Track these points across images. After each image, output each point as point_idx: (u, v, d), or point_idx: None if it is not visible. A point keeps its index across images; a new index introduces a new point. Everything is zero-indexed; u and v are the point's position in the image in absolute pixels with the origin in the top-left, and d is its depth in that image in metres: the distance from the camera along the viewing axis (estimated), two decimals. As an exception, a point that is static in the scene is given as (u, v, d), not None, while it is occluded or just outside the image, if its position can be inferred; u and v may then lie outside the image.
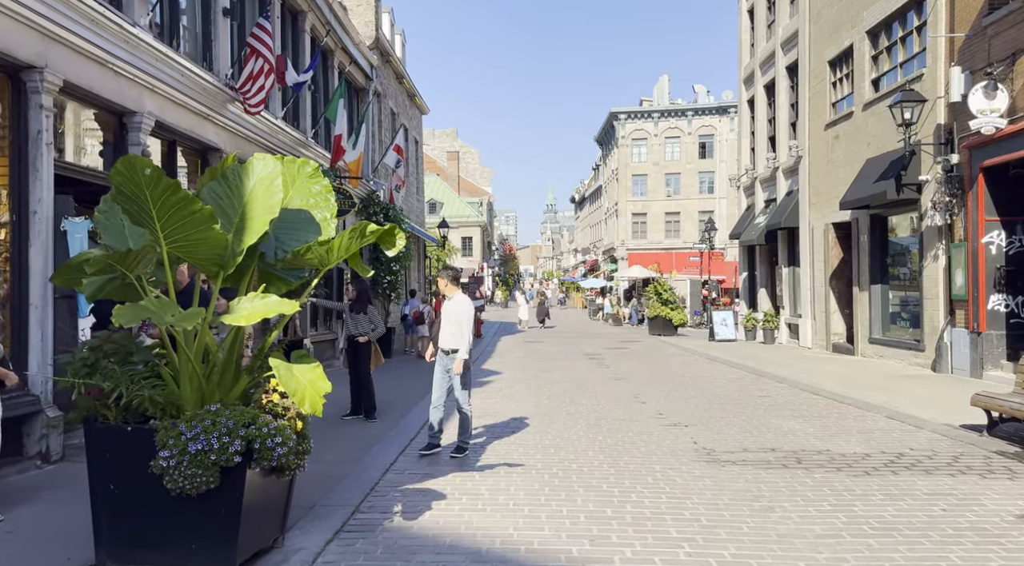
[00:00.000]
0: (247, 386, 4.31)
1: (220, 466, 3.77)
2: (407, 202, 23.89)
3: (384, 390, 11.28)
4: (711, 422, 9.18)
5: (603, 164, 67.39)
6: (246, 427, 3.85)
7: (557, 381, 13.48)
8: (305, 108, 13.52)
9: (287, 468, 4.10)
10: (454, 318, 7.21)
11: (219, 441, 3.74)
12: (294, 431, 4.17)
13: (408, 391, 11.84)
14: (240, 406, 4.02)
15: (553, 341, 24.59)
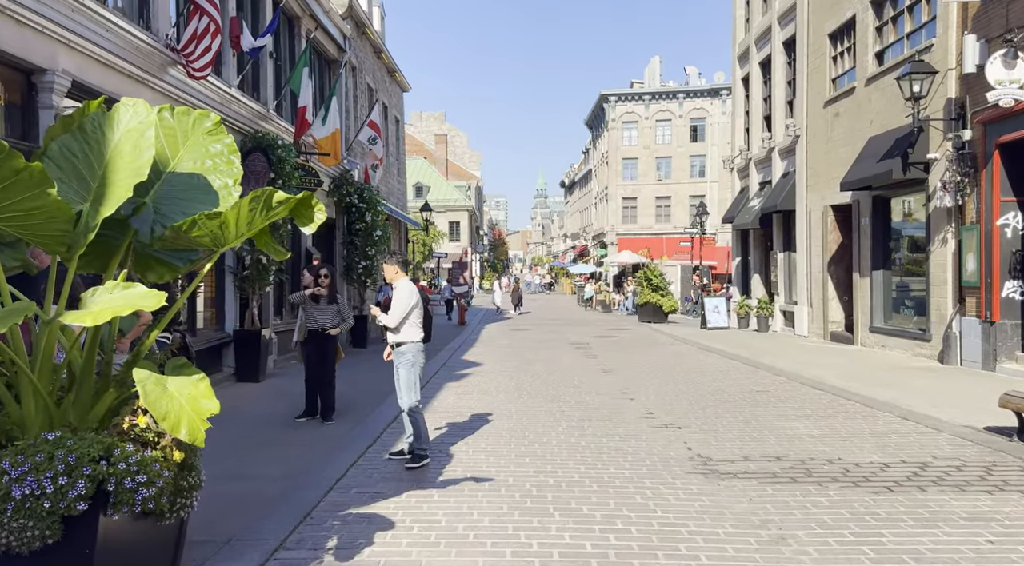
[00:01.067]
0: (113, 404, 3.32)
1: (60, 515, 2.80)
2: (387, 183, 22.82)
3: (350, 385, 10.33)
4: (706, 422, 8.27)
5: (593, 148, 66.30)
6: (94, 463, 2.86)
7: (540, 374, 12.55)
8: (266, 77, 12.43)
9: (162, 512, 3.12)
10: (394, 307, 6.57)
11: (54, 483, 2.76)
12: (170, 464, 3.18)
13: (376, 386, 10.87)
14: (91, 434, 3.03)
15: (539, 329, 23.67)
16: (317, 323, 8.16)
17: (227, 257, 10.85)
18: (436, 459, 6.61)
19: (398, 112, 25.21)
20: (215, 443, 7.38)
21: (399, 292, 6.55)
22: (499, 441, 7.33)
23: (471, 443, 7.25)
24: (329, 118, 14.13)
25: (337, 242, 16.93)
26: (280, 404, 9.34)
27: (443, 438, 7.48)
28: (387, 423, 8.06)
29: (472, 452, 6.87)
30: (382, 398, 9.53)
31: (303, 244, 14.30)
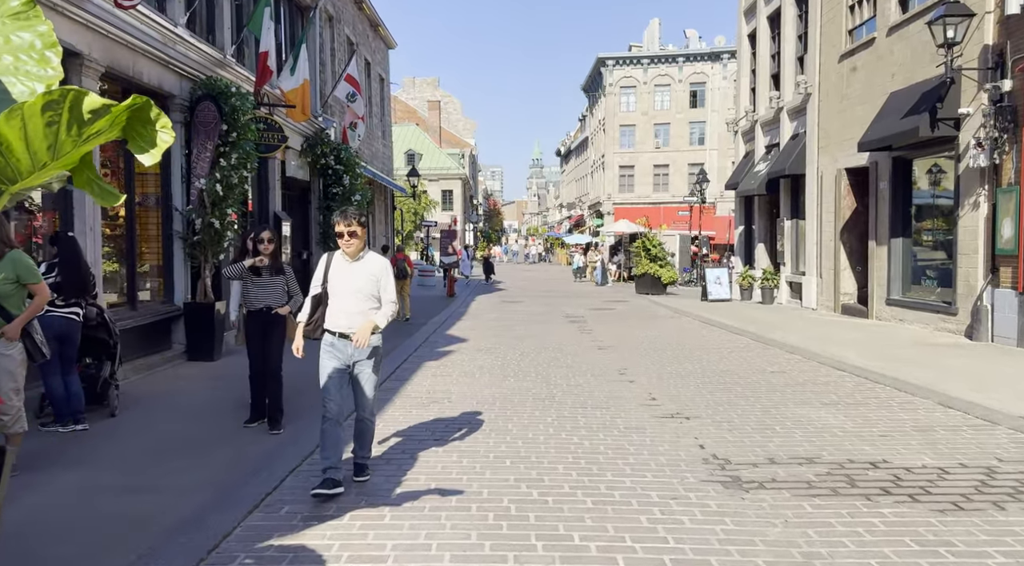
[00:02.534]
0: None
1: None
2: (370, 146, 21.45)
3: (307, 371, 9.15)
4: (718, 411, 7.14)
5: (590, 114, 64.58)
6: None
7: (530, 352, 11.40)
8: (223, 19, 11.05)
9: None
10: (362, 286, 4.75)
11: None
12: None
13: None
14: None
15: (532, 301, 22.51)
16: (259, 302, 6.40)
17: (175, 220, 9.61)
18: (398, 462, 5.46)
19: (383, 70, 23.72)
20: (133, 441, 6.05)
21: (385, 272, 4.85)
22: (476, 436, 6.18)
23: (442, 440, 6.10)
24: (298, 68, 12.75)
25: (312, 207, 15.66)
26: (229, 389, 8.17)
27: (410, 433, 6.33)
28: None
29: (442, 452, 5.72)
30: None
31: (270, 207, 13.03)
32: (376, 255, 4.98)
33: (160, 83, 9.05)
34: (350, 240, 4.70)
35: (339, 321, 4.78)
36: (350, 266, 4.79)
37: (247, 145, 9.83)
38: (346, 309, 4.76)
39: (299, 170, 14.78)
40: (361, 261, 4.81)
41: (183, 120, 9.62)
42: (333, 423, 4.76)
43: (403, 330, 14.31)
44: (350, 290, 4.74)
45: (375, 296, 4.80)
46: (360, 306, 4.75)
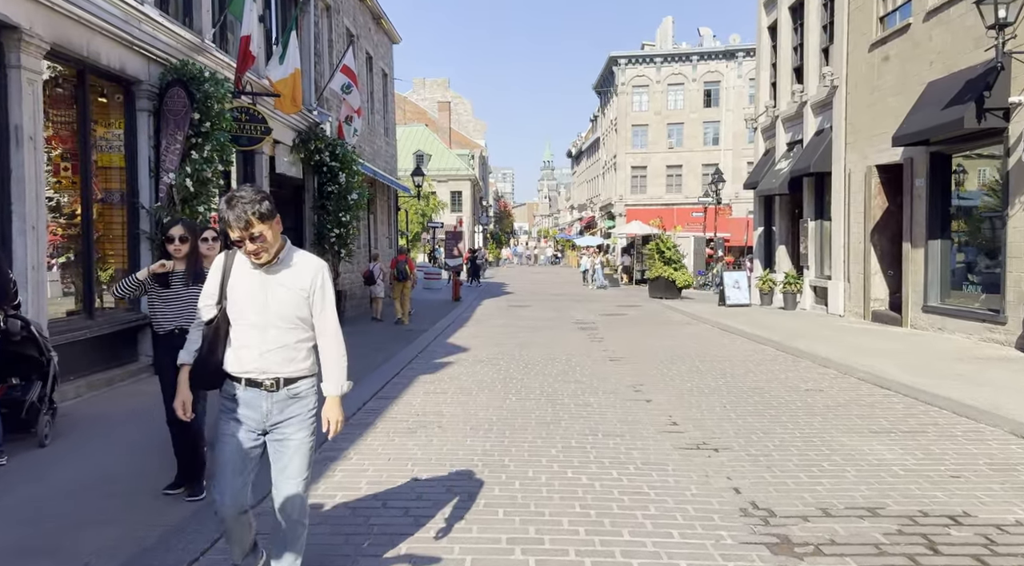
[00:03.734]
0: None
1: None
2: (372, 143, 20.53)
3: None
4: (751, 441, 6.11)
5: (601, 114, 63.52)
6: None
7: (536, 363, 10.40)
8: (200, 0, 10.11)
9: None
10: (283, 307, 3.00)
11: None
12: None
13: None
14: None
15: (541, 306, 21.50)
16: (168, 322, 4.68)
17: (142, 219, 8.68)
18: (366, 511, 4.47)
19: (386, 65, 22.80)
20: (54, 481, 4.77)
21: (322, 284, 3.10)
22: (465, 475, 5.18)
23: (424, 479, 5.11)
24: (288, 57, 11.84)
25: (306, 206, 14.73)
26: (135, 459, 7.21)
27: (387, 470, 5.34)
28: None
29: (419, 499, 4.72)
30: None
31: (257, 207, 12.07)
32: (307, 256, 3.12)
33: (123, 66, 8.13)
34: (254, 247, 2.88)
35: (246, 362, 3.00)
36: (262, 276, 2.99)
37: (221, 136, 8.90)
38: (256, 344, 2.98)
39: (291, 167, 13.86)
40: (281, 269, 2.99)
41: (151, 108, 8.70)
42: (234, 520, 3.10)
43: (401, 337, 13.35)
44: (263, 312, 2.97)
45: (305, 322, 3.03)
46: (280, 338, 2.98)
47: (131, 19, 8.04)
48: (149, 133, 8.75)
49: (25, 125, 6.45)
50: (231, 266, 3.08)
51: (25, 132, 6.45)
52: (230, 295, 3.03)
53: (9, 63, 6.34)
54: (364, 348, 11.82)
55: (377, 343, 12.50)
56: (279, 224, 2.98)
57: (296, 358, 3.03)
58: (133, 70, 8.35)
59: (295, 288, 3.00)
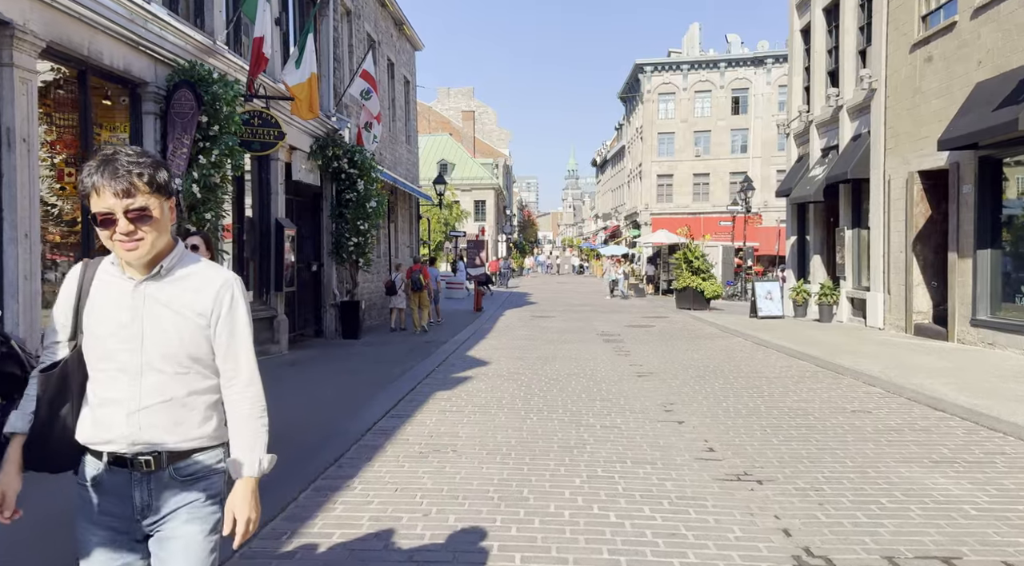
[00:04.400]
0: None
1: None
2: (393, 151, 20.18)
3: (273, 408, 7.81)
4: (798, 471, 5.51)
5: (627, 122, 62.89)
6: None
7: (559, 378, 9.85)
8: (212, 2, 9.78)
9: None
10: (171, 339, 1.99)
11: None
12: None
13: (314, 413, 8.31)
14: None
15: (565, 316, 20.93)
16: None
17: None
18: (368, 555, 3.96)
19: (408, 72, 22.49)
20: (26, 519, 4.46)
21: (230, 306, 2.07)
22: (478, 511, 4.65)
23: (431, 517, 4.59)
24: (304, 61, 11.47)
25: (324, 214, 14.36)
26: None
27: (392, 502, 4.83)
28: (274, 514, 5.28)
29: (426, 540, 4.20)
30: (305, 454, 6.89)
31: (272, 214, 11.74)
32: (209, 267, 2.12)
33: (127, 67, 7.78)
34: (128, 231, 1.90)
35: (110, 427, 1.99)
36: (137, 294, 2.00)
37: (230, 140, 8.51)
38: (126, 398, 1.98)
39: (309, 174, 13.51)
40: (167, 284, 2.02)
41: (158, 111, 8.35)
42: None
43: (419, 349, 12.88)
44: (136, 350, 1.98)
45: (202, 365, 2.05)
46: (167, 389, 1.99)
47: (136, 18, 7.69)
48: (156, 137, 8.40)
49: (18, 127, 6.09)
50: (90, 281, 2.05)
51: (18, 134, 6.09)
52: (86, 324, 2.02)
53: (1, 61, 5.99)
54: (380, 362, 11.36)
55: (395, 356, 12.04)
56: (173, 212, 2.00)
57: (188, 420, 2.01)
58: (139, 71, 8.00)
59: (188, 313, 2.00)
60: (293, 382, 9.35)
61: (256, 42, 9.82)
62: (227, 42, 10.49)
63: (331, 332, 14.40)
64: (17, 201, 6.12)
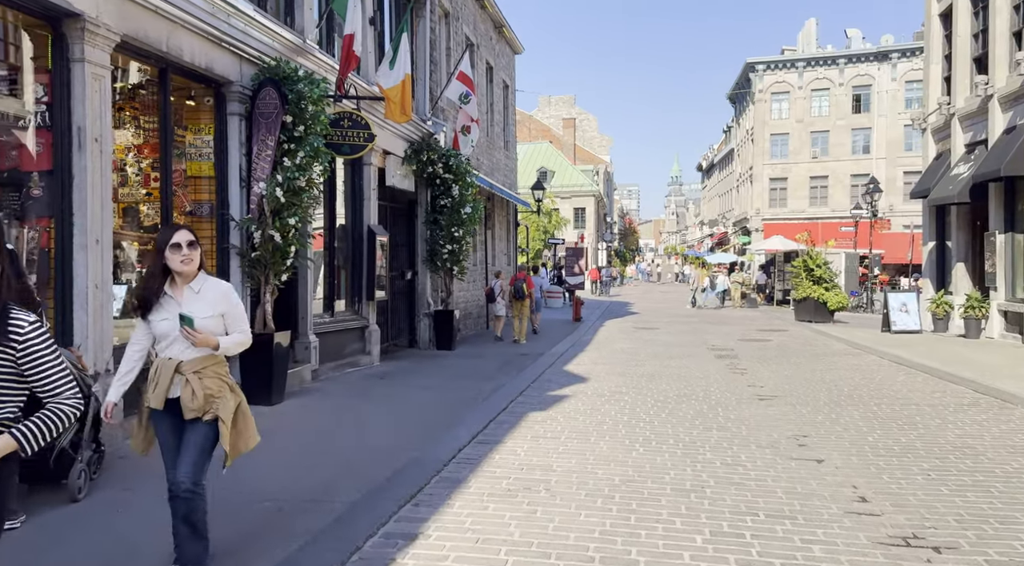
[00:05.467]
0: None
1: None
2: (491, 156, 19.63)
3: (358, 435, 7.18)
4: (985, 535, 4.30)
5: (736, 125, 60.23)
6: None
7: (668, 401, 8.79)
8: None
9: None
10: None
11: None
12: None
13: (401, 438, 7.62)
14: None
15: (671, 328, 19.65)
16: None
17: (231, 233, 7.94)
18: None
19: (508, 76, 21.93)
20: (67, 554, 3.70)
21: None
22: (575, 577, 3.75)
23: (521, 578, 3.73)
24: (398, 62, 10.99)
25: (419, 221, 13.89)
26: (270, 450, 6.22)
27: (469, 557, 4.00)
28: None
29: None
30: (379, 489, 6.17)
31: (364, 220, 11.31)
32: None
33: (210, 65, 7.44)
34: None
35: None
36: None
37: (315, 141, 8.04)
38: None
39: (404, 180, 13.06)
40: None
41: (243, 112, 7.99)
42: None
43: (513, 363, 12.11)
44: None
45: None
46: None
47: (218, 12, 7.33)
48: (241, 139, 8.04)
49: (89, 126, 5.76)
50: None
51: (89, 133, 5.76)
52: None
53: (72, 56, 5.67)
54: (472, 376, 10.66)
55: (487, 370, 11.31)
56: None
57: None
58: (222, 69, 7.66)
59: None
60: (378, 398, 8.76)
61: (346, 40, 9.37)
62: (319, 42, 10.13)
63: (425, 342, 13.88)
64: (88, 205, 5.77)
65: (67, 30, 5.65)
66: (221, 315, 3.56)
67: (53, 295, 5.73)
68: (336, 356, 10.54)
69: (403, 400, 8.71)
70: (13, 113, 5.72)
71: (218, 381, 3.56)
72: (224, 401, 3.56)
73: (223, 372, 3.63)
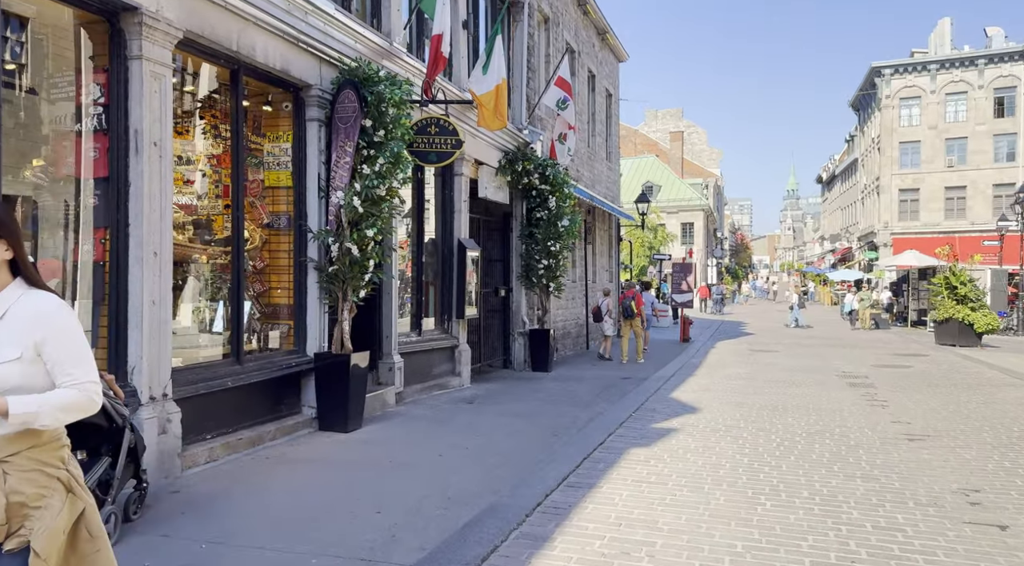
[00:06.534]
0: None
1: None
2: (591, 168, 18.71)
3: (429, 477, 6.39)
4: None
5: (860, 133, 56.37)
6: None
7: (796, 438, 7.52)
8: (390, 1, 8.92)
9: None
10: None
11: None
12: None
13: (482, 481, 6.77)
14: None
15: (790, 351, 17.92)
16: None
17: (309, 246, 7.43)
18: None
19: (611, 84, 20.98)
20: None
21: None
22: None
23: None
24: (491, 66, 10.33)
25: (513, 235, 13.14)
26: (342, 486, 5.53)
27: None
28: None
29: None
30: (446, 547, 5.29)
31: (455, 233, 10.66)
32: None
33: (286, 67, 6.97)
34: None
35: None
36: None
37: (396, 146, 7.43)
38: None
39: (497, 192, 12.36)
40: None
41: (323, 118, 7.50)
42: None
43: (614, 388, 11.06)
44: None
45: None
46: None
47: (294, 10, 6.86)
48: (320, 147, 7.54)
49: (147, 129, 5.33)
50: None
51: (147, 137, 5.33)
52: None
53: (129, 53, 5.27)
54: (567, 402, 9.72)
55: (584, 395, 10.34)
56: None
57: None
58: (299, 72, 7.19)
59: None
60: (461, 427, 7.98)
61: (434, 40, 8.78)
62: (408, 46, 9.61)
63: (519, 363, 13.05)
64: (144, 214, 5.33)
65: (124, 25, 5.26)
66: (37, 353, 2.08)
67: (107, 312, 5.30)
68: (423, 377, 9.89)
69: (489, 429, 7.88)
70: (69, 116, 5.38)
71: (40, 478, 2.10)
72: (45, 514, 2.08)
73: (52, 459, 2.15)
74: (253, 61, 6.56)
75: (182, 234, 6.38)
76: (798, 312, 28.48)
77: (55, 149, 5.40)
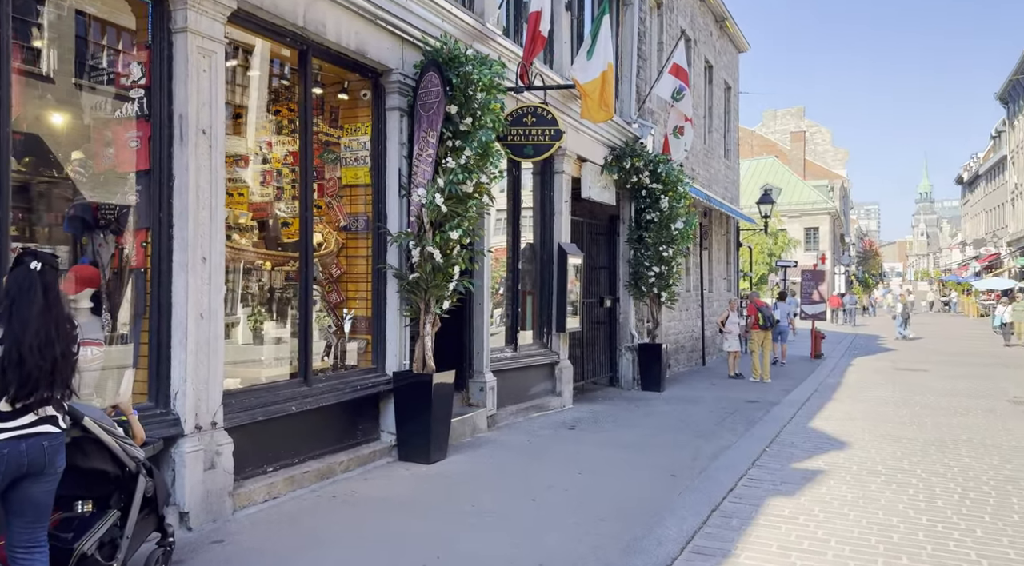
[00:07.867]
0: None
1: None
2: (707, 166, 17.17)
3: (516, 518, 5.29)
4: None
5: (1009, 128, 50.87)
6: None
7: (980, 487, 5.93)
8: (484, -25, 8.03)
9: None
10: None
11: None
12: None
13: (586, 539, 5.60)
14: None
15: (941, 369, 15.62)
16: None
17: (387, 251, 6.58)
18: None
19: (729, 76, 19.31)
20: None
21: None
22: None
23: None
24: (597, 50, 9.20)
25: (620, 239, 11.91)
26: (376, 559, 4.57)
27: None
28: None
29: None
30: None
31: (555, 237, 9.61)
32: None
33: (361, 47, 6.16)
34: None
35: None
36: None
37: (485, 135, 6.46)
38: None
39: (603, 192, 11.20)
40: None
41: (404, 106, 6.65)
42: None
43: (739, 413, 9.63)
44: None
45: None
46: None
47: (378, -15, 6.03)
48: (401, 139, 6.71)
49: (193, 114, 4.60)
50: None
51: (194, 124, 4.61)
52: None
53: (173, 26, 4.56)
54: (683, 429, 8.42)
55: (703, 422, 8.98)
56: None
57: None
58: (378, 54, 6.36)
59: None
60: (559, 460, 6.86)
61: (531, 18, 7.80)
62: (505, 31, 8.67)
63: (627, 381, 11.80)
64: (190, 213, 4.60)
65: (163, -5, 4.55)
66: None
67: (148, 327, 4.60)
68: (519, 398, 8.87)
69: (593, 464, 6.74)
70: (109, 101, 4.73)
71: None
72: None
73: None
74: (323, 40, 5.77)
75: (243, 237, 5.66)
76: (900, 322, 25.73)
77: (94, 140, 4.77)
